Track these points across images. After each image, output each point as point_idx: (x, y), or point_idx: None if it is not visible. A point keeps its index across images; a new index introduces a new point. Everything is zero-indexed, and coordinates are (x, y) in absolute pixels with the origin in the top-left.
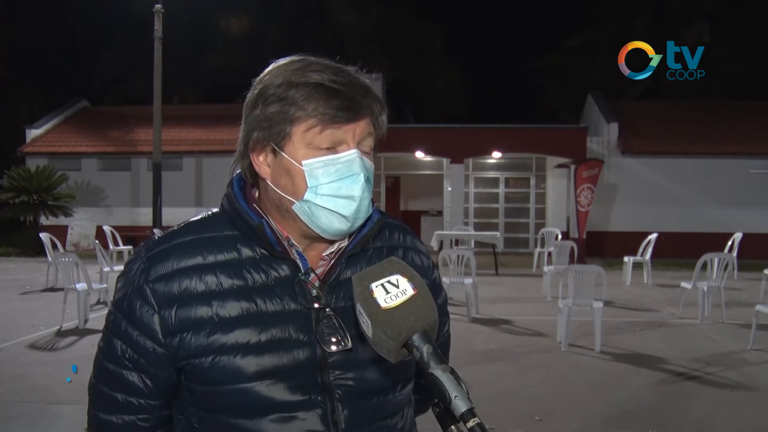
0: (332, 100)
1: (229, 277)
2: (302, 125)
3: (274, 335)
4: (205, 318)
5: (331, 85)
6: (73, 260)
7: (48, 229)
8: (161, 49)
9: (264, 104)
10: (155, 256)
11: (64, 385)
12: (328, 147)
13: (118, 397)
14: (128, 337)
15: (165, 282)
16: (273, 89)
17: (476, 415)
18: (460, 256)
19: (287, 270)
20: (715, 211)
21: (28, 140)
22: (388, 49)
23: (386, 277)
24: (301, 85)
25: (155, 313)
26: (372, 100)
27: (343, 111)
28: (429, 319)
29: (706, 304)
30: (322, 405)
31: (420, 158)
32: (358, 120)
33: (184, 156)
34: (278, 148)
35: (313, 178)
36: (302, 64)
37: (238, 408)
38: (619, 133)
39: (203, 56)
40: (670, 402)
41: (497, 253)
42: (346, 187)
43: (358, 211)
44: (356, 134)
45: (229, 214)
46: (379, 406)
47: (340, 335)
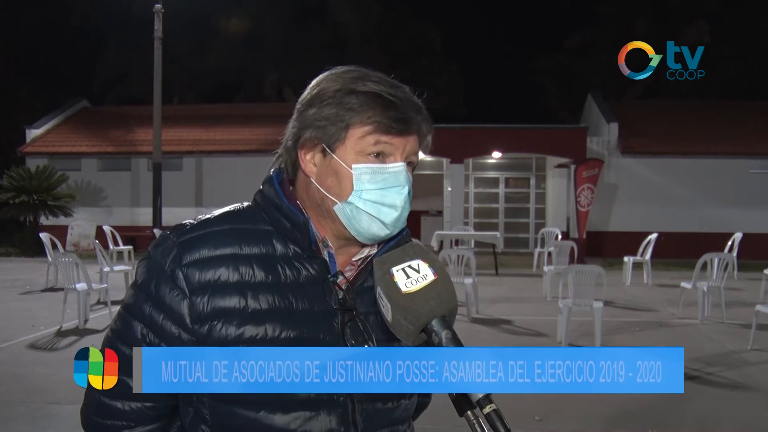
0: (388, 110)
1: (263, 270)
2: (357, 131)
3: (302, 332)
4: (238, 308)
5: (388, 96)
6: (73, 260)
7: (48, 229)
8: (161, 49)
9: (320, 105)
10: (189, 241)
11: (64, 385)
12: (377, 155)
13: (128, 382)
14: (152, 321)
15: (199, 268)
16: (332, 92)
17: (493, 401)
18: (460, 256)
19: (318, 270)
20: (715, 211)
21: (28, 140)
22: (388, 49)
23: (407, 262)
24: (360, 93)
25: (186, 297)
26: (423, 119)
27: (397, 123)
28: (449, 304)
29: (706, 304)
30: (344, 405)
31: (420, 158)
32: (409, 135)
33: (184, 156)
34: (329, 149)
35: (360, 182)
36: (360, 74)
37: (261, 402)
38: (619, 133)
39: (203, 56)
40: (670, 402)
41: (497, 253)
42: (391, 196)
43: (398, 219)
44: (406, 149)
45: (265, 209)
46: (392, 411)
47: (364, 338)
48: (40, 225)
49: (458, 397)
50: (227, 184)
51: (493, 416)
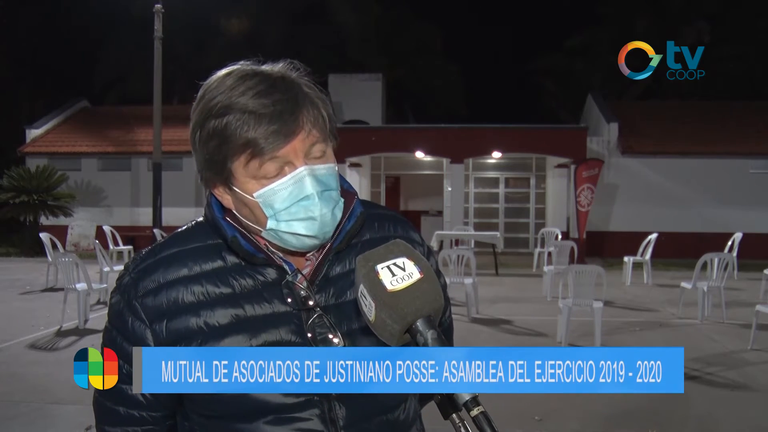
0: (259, 127)
1: (215, 285)
2: (240, 160)
3: (265, 340)
4: (196, 328)
5: (255, 110)
6: (73, 260)
7: (48, 229)
8: (161, 49)
9: (201, 143)
10: (142, 270)
11: (64, 385)
12: (274, 173)
13: (120, 411)
14: (123, 352)
15: (153, 296)
16: (205, 123)
17: (480, 404)
18: (460, 256)
19: (274, 273)
20: (715, 211)
21: (28, 140)
22: (388, 49)
23: (392, 259)
24: (226, 117)
25: (147, 327)
26: (303, 107)
27: (272, 136)
28: (435, 304)
29: (706, 304)
30: (320, 405)
31: (420, 158)
32: (292, 138)
33: (184, 156)
34: (229, 184)
35: (269, 207)
36: (227, 86)
37: (237, 413)
38: (619, 133)
39: (203, 56)
40: (670, 402)
41: (497, 253)
42: (303, 209)
43: (322, 227)
44: (298, 151)
45: (211, 223)
46: (377, 402)
47: (332, 333)
48: (40, 225)
49: (443, 400)
50: None
51: (480, 419)
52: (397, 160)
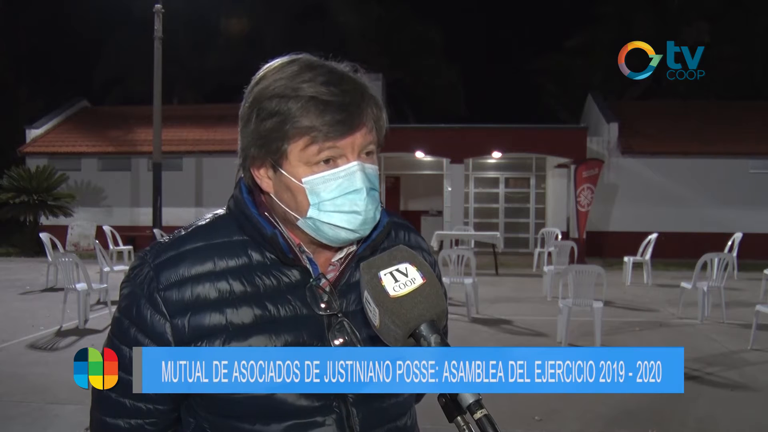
0: (325, 115)
1: (240, 283)
2: (298, 143)
3: (288, 341)
4: (220, 326)
5: (323, 97)
6: (73, 260)
7: (48, 229)
8: (161, 49)
9: (257, 119)
10: (165, 263)
11: (64, 385)
12: (326, 161)
13: (126, 403)
14: (136, 344)
15: (177, 290)
16: (266, 102)
17: (484, 407)
18: (460, 256)
19: (298, 275)
20: (715, 211)
21: (28, 140)
22: (388, 49)
23: (395, 266)
24: (293, 99)
25: (167, 321)
26: (368, 105)
27: (337, 126)
28: (438, 308)
29: (706, 304)
30: (338, 410)
31: (420, 158)
32: (355, 131)
33: (184, 156)
34: (277, 166)
35: (315, 195)
36: (292, 72)
37: (253, 414)
38: (619, 133)
39: (203, 56)
40: (670, 402)
41: (497, 253)
42: (350, 202)
43: (364, 223)
44: (355, 146)
45: (238, 218)
46: (389, 409)
47: (351, 340)
48: (40, 225)
49: (448, 402)
50: (227, 184)
51: (484, 421)
52: (397, 160)
